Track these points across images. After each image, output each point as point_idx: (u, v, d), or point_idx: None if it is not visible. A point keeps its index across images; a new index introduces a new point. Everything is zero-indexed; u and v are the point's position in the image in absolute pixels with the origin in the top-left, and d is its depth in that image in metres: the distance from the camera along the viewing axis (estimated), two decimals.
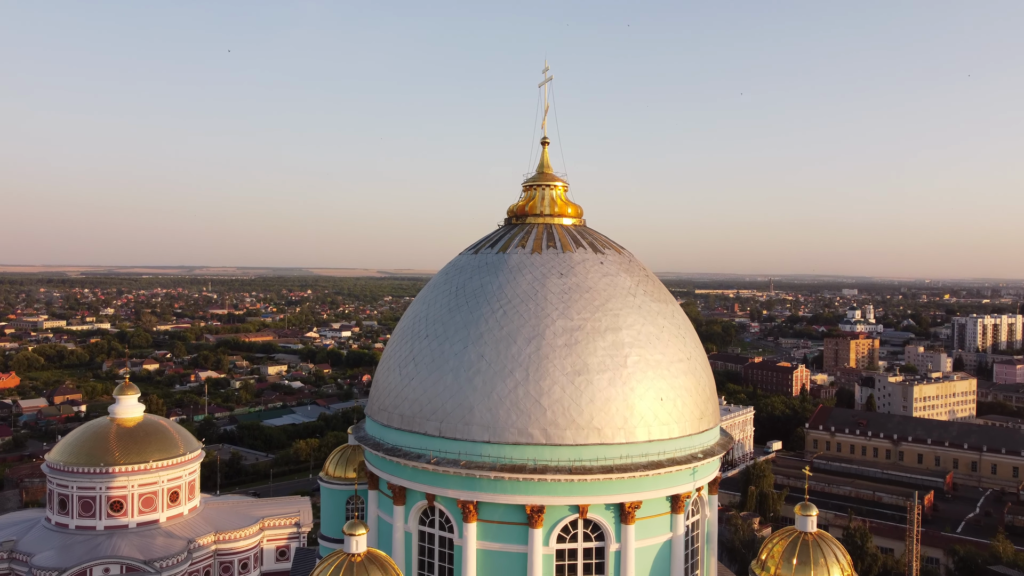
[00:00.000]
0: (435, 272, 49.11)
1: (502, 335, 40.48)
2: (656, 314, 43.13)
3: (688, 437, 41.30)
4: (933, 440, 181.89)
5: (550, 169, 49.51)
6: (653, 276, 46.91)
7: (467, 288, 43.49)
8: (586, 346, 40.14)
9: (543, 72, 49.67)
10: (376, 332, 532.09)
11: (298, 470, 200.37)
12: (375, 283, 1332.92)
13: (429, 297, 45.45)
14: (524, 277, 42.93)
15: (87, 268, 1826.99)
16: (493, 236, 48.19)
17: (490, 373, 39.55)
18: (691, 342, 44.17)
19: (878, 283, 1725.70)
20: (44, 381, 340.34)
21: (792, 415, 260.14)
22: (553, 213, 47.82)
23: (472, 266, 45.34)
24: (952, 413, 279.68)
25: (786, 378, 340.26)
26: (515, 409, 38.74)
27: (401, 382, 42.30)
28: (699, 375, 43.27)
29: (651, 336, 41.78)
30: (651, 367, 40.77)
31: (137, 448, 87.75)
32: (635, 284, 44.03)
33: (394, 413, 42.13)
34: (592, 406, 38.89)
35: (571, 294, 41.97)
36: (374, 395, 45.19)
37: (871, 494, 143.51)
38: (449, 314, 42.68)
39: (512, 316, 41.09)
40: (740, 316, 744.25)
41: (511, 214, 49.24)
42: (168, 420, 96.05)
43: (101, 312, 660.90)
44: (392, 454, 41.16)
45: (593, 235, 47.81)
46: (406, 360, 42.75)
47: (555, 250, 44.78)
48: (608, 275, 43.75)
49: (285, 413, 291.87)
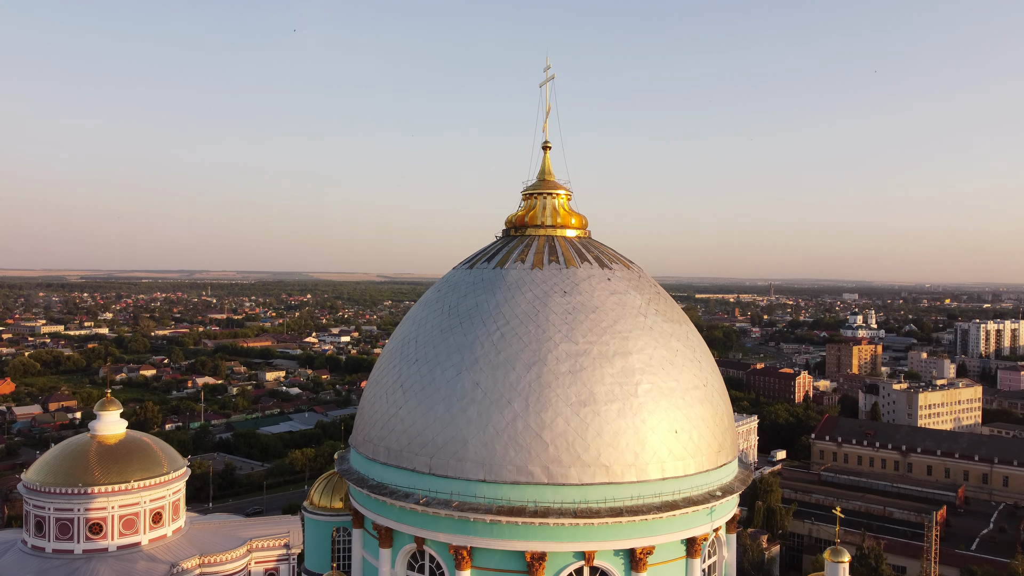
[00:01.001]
0: (436, 276, 45.12)
1: (499, 360, 36.44)
2: (669, 336, 39.10)
3: (705, 473, 37.28)
4: (943, 451, 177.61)
5: (552, 176, 45.43)
6: (664, 293, 42.85)
7: (461, 307, 39.43)
8: (592, 373, 36.09)
9: (544, 71, 45.83)
10: (375, 337, 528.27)
11: (293, 480, 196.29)
12: (375, 287, 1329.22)
13: (420, 316, 41.33)
14: (524, 295, 38.87)
15: (87, 272, 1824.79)
16: (490, 249, 44.04)
17: (486, 403, 35.54)
18: (707, 366, 40.14)
19: (878, 287, 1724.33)
20: (40, 387, 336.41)
21: (796, 423, 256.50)
22: (555, 224, 43.73)
23: (467, 283, 41.22)
24: (957, 421, 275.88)
25: (788, 384, 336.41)
26: (513, 444, 34.74)
27: (388, 411, 38.26)
28: (716, 403, 39.26)
29: (664, 361, 37.74)
30: (664, 396, 36.75)
31: (118, 467, 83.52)
32: (645, 303, 39.97)
33: (380, 446, 38.10)
34: (599, 441, 34.87)
35: (576, 314, 37.93)
36: (359, 424, 41.13)
37: (882, 509, 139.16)
38: (441, 336, 38.58)
39: (510, 339, 37.05)
40: (741, 321, 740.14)
41: (509, 225, 45.10)
42: (152, 436, 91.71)
43: (99, 317, 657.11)
44: (378, 492, 37.14)
45: (599, 248, 43.68)
46: (394, 387, 38.70)
47: (558, 265, 40.71)
48: (616, 293, 39.69)
49: (282, 420, 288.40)
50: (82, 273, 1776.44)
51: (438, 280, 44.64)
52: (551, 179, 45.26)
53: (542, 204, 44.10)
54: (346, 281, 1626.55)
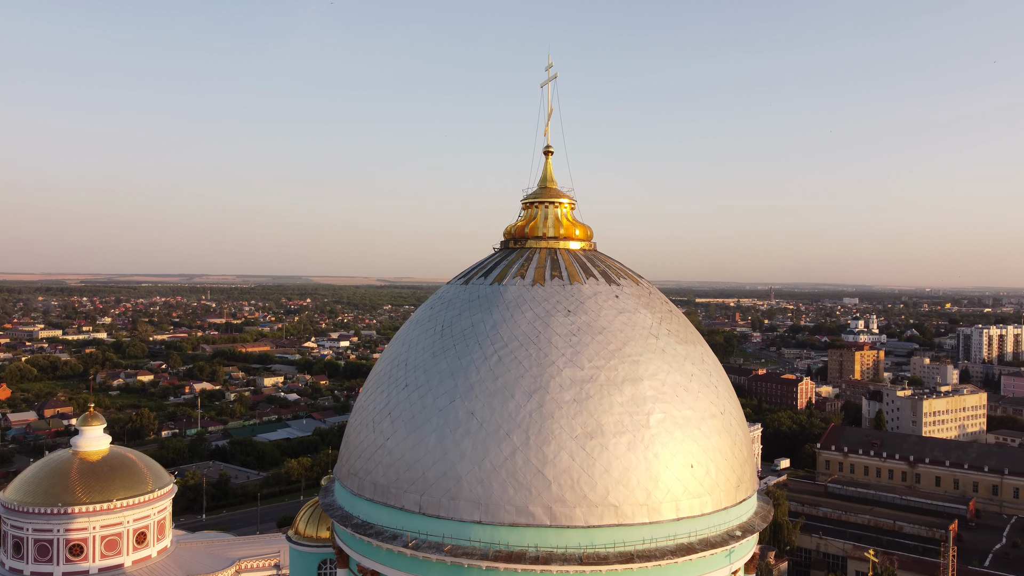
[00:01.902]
0: (436, 281, 41.48)
1: (497, 387, 33.04)
2: (683, 359, 35.68)
3: (723, 512, 33.85)
4: (951, 462, 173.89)
5: (554, 183, 41.95)
6: (676, 311, 39.39)
7: (455, 327, 35.99)
8: (600, 402, 32.70)
9: (546, 70, 42.48)
10: (375, 342, 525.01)
11: (289, 491, 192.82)
12: (375, 291, 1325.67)
13: (410, 336, 37.84)
14: (524, 315, 35.45)
15: (87, 276, 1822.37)
16: (487, 263, 40.49)
17: (482, 435, 32.15)
18: (724, 392, 36.73)
19: (878, 291, 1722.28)
20: (36, 393, 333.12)
21: (799, 431, 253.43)
22: (558, 235, 40.22)
23: (461, 300, 37.73)
24: (962, 428, 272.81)
25: (791, 391, 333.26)
26: (512, 481, 31.35)
27: (375, 441, 34.81)
28: (735, 433, 35.86)
29: (678, 387, 34.33)
30: (679, 426, 33.34)
31: (100, 485, 80.00)
32: (657, 322, 36.54)
33: (366, 480, 34.65)
34: (607, 477, 31.47)
35: (581, 336, 34.53)
36: (344, 454, 37.67)
37: (891, 523, 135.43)
38: (433, 359, 35.13)
39: (509, 363, 33.66)
40: (742, 326, 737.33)
41: (508, 236, 41.52)
42: (137, 452, 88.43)
43: (98, 322, 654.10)
44: (363, 532, 33.72)
45: (605, 262, 40.14)
46: (381, 414, 35.27)
47: (561, 281, 37.27)
48: (625, 312, 36.26)
49: (280, 427, 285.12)
50: (82, 277, 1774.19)
51: (431, 296, 41.27)
52: (553, 186, 41.81)
53: (543, 214, 40.62)
54: (346, 285, 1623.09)
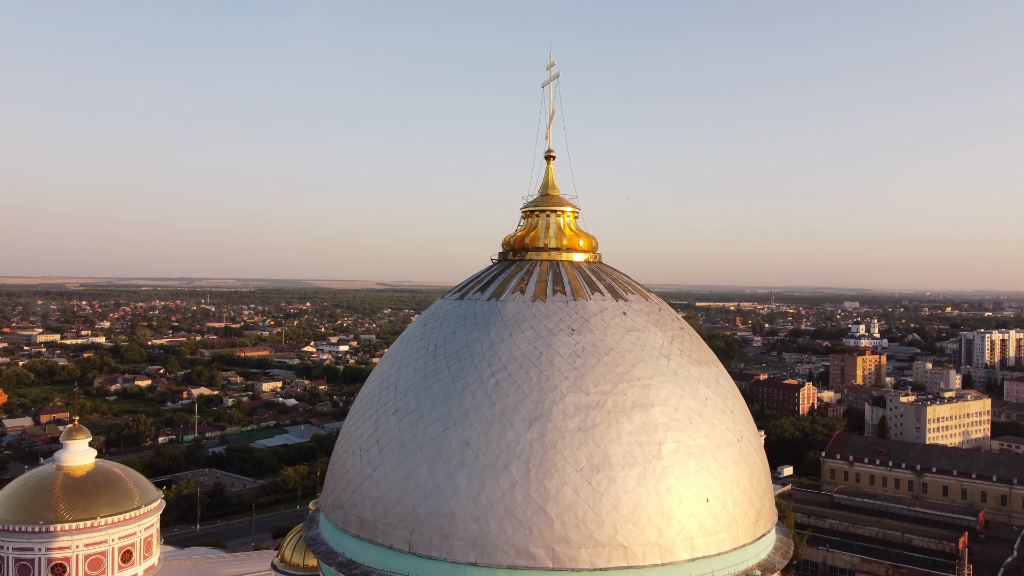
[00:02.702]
0: (436, 285, 38.63)
1: (494, 414, 30.20)
2: (697, 382, 32.85)
3: (741, 549, 30.98)
4: (959, 471, 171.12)
5: (556, 190, 39.03)
6: (688, 328, 36.53)
7: (448, 347, 33.13)
8: (607, 430, 29.87)
9: (547, 69, 39.70)
10: (374, 346, 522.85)
11: (285, 499, 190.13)
12: (375, 295, 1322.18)
13: (401, 356, 34.98)
14: (524, 334, 32.59)
15: (87, 280, 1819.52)
16: (484, 276, 37.58)
17: (477, 467, 29.31)
18: (741, 416, 33.90)
19: (879, 295, 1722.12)
20: (32, 398, 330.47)
21: (802, 437, 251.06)
22: (560, 247, 37.29)
23: (456, 316, 34.86)
24: (966, 434, 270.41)
25: (793, 396, 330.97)
26: (511, 519, 28.53)
27: (362, 472, 31.96)
28: (753, 461, 33.04)
29: (692, 413, 31.50)
30: (693, 456, 30.50)
31: (84, 502, 77.10)
32: (668, 341, 33.69)
33: (351, 514, 31.80)
34: (616, 515, 28.65)
35: (586, 357, 31.69)
36: (330, 484, 34.80)
37: (900, 535, 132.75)
38: (425, 382, 32.25)
39: (508, 388, 30.84)
40: (742, 330, 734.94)
41: (507, 247, 38.56)
42: (123, 466, 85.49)
43: (97, 325, 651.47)
44: (347, 571, 30.83)
45: (611, 275, 37.22)
46: (368, 442, 32.40)
47: (564, 296, 34.41)
48: (634, 330, 33.40)
49: (277, 433, 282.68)
50: (82, 281, 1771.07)
51: (423, 312, 38.45)
52: (555, 194, 38.88)
53: (545, 223, 37.70)
54: (346, 289, 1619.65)
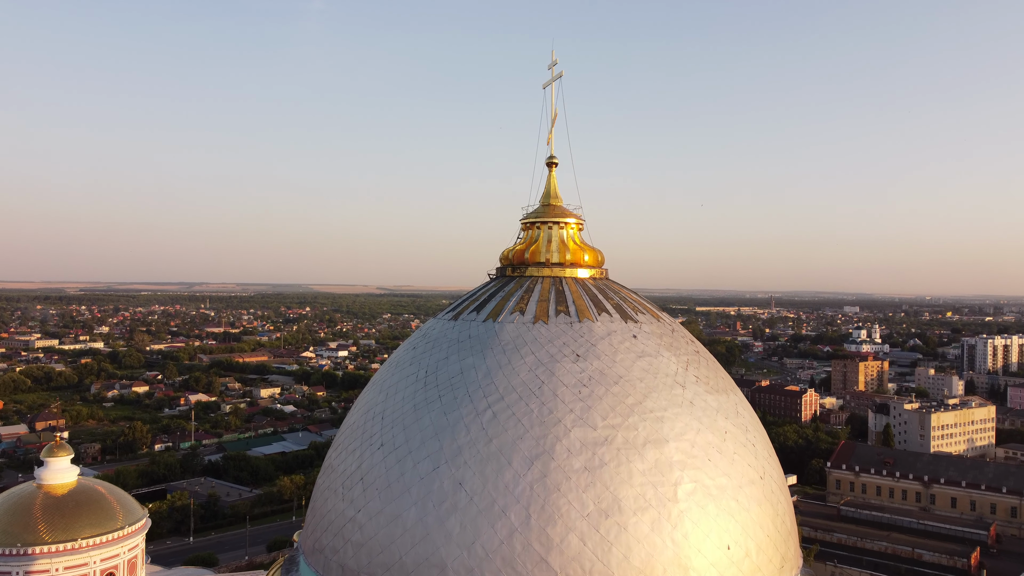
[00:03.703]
0: (436, 289, 35.44)
1: (490, 451, 27.10)
2: (715, 412, 29.75)
3: None
4: (968, 482, 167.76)
5: (559, 200, 35.91)
6: (704, 351, 33.44)
7: (440, 374, 30.02)
8: (617, 470, 26.76)
9: (549, 68, 36.71)
10: (373, 352, 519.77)
11: (281, 510, 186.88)
12: (374, 300, 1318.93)
13: (389, 382, 31.87)
14: (524, 360, 29.49)
15: (86, 284, 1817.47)
16: (480, 294, 34.40)
17: (472, 512, 26.23)
18: (763, 450, 30.82)
19: (879, 300, 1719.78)
20: (29, 405, 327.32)
21: (806, 445, 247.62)
22: (564, 262, 34.20)
23: (449, 339, 31.72)
24: (971, 442, 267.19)
25: (795, 403, 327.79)
26: (509, 571, 25.40)
27: (345, 513, 28.87)
28: (777, 500, 29.96)
29: (710, 448, 28.40)
30: (712, 498, 27.41)
31: (64, 523, 73.66)
32: (683, 367, 30.61)
33: (332, 560, 28.69)
34: (627, 566, 25.52)
35: (593, 387, 28.58)
36: (310, 523, 31.68)
37: (910, 551, 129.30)
38: (414, 413, 29.14)
39: (506, 422, 27.75)
40: (743, 335, 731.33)
41: (506, 262, 35.41)
42: (107, 484, 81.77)
43: (95, 331, 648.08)
44: None
45: (619, 293, 34.05)
46: (352, 479, 29.29)
47: (568, 318, 31.30)
48: (645, 355, 30.30)
49: (275, 440, 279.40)
50: (81, 285, 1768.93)
51: (414, 332, 35.35)
52: (558, 204, 35.73)
53: (547, 236, 34.58)
54: (345, 293, 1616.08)
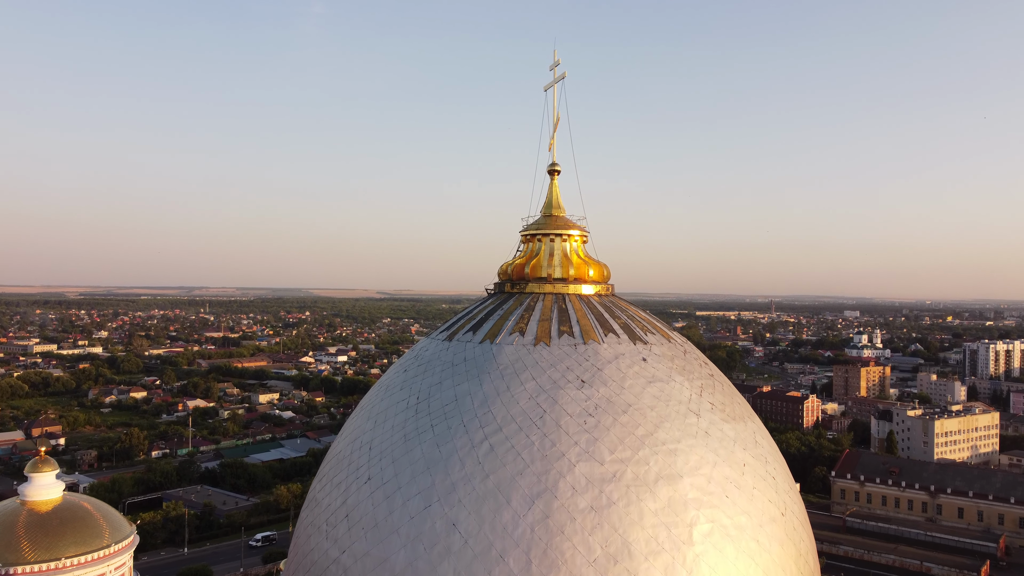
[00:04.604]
0: (436, 294, 32.97)
1: (487, 489, 24.66)
2: (732, 443, 27.32)
3: None
4: (975, 492, 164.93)
5: (561, 210, 33.45)
6: (719, 374, 30.99)
7: (433, 401, 27.54)
8: (626, 510, 24.34)
9: (551, 69, 34.38)
10: (373, 357, 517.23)
11: (278, 520, 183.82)
12: (374, 304, 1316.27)
13: (378, 408, 29.36)
14: (524, 386, 27.03)
15: (86, 289, 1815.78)
16: (476, 312, 31.81)
17: (467, 556, 23.80)
18: (783, 483, 28.42)
19: (879, 304, 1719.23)
20: (26, 411, 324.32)
21: (808, 453, 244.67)
22: (567, 277, 31.75)
23: (443, 362, 29.21)
24: (975, 449, 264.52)
25: (797, 409, 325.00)
26: None
27: (328, 553, 26.41)
28: (800, 538, 27.55)
29: (728, 484, 25.96)
30: (731, 539, 24.97)
31: (48, 541, 70.85)
32: (697, 393, 28.18)
33: None
34: None
35: (600, 416, 26.13)
36: (293, 559, 29.07)
37: (918, 564, 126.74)
38: (404, 445, 26.66)
39: (504, 455, 25.31)
40: (743, 340, 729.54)
41: (505, 277, 32.88)
42: (93, 500, 79.06)
43: (94, 335, 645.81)
44: None
45: (627, 311, 31.52)
46: (337, 516, 26.83)
47: (571, 339, 28.82)
48: (656, 380, 27.83)
49: (273, 447, 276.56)
50: (81, 289, 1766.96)
51: (405, 353, 32.88)
52: (560, 214, 33.26)
53: (548, 249, 32.09)
54: (345, 298, 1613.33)
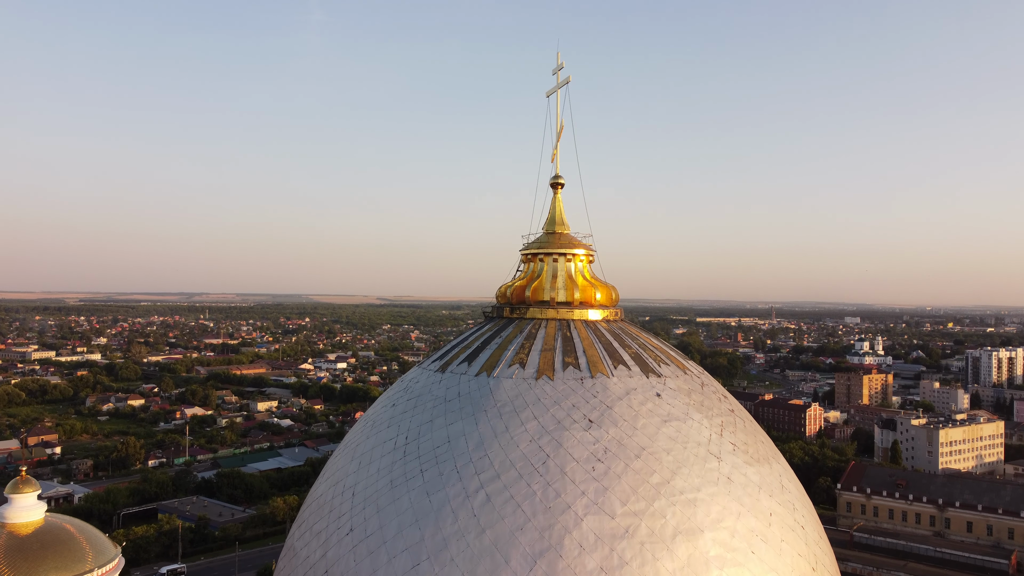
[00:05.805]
0: (436, 300, 29.98)
1: (483, 546, 21.85)
2: (757, 490, 24.46)
3: None
4: (984, 506, 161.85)
5: (565, 227, 30.60)
6: (739, 408, 28.05)
7: (423, 442, 24.66)
8: (641, 571, 21.44)
9: (554, 73, 31.64)
10: (372, 364, 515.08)
11: (274, 532, 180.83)
12: (374, 310, 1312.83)
13: (362, 448, 26.45)
14: (524, 427, 24.19)
15: (86, 295, 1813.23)
16: (472, 340, 28.83)
17: None
18: (813, 532, 25.56)
19: (879, 310, 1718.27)
20: (22, 419, 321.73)
21: (812, 463, 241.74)
22: (572, 301, 28.87)
23: (435, 397, 26.28)
24: (979, 458, 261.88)
25: (799, 417, 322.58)
26: None
27: None
28: None
29: (754, 537, 23.14)
30: None
31: (28, 566, 67.85)
32: (717, 433, 25.31)
33: None
34: None
35: (610, 462, 23.27)
36: None
37: None
38: (390, 492, 23.80)
39: (502, 507, 22.50)
40: (744, 346, 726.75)
41: (503, 300, 29.97)
42: (77, 522, 76.40)
43: (93, 342, 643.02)
44: None
45: (637, 339, 28.58)
46: (315, 570, 23.72)
47: (577, 372, 25.92)
48: (672, 419, 24.97)
49: (271, 456, 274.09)
50: (81, 296, 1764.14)
51: (394, 384, 30.00)
52: (564, 231, 30.36)
53: (551, 270, 29.17)
54: (345, 304, 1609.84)
